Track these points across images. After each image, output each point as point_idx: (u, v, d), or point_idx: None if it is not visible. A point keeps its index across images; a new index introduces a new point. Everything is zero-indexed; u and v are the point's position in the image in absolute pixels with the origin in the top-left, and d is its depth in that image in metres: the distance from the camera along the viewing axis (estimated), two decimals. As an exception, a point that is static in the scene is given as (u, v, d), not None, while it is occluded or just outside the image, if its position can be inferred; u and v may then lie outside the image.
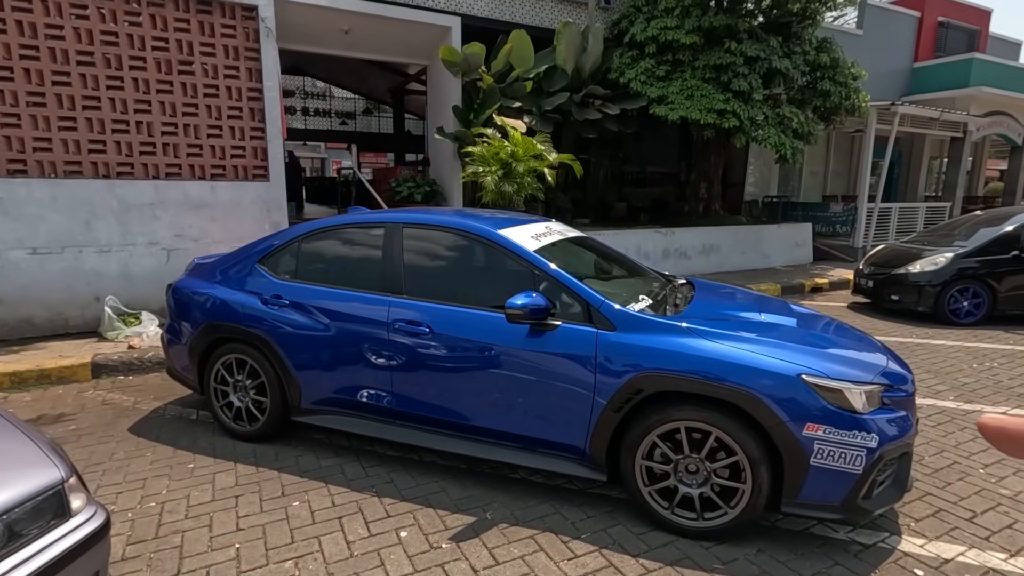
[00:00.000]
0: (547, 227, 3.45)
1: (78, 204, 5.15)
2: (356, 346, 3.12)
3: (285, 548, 2.48)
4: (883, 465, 2.48)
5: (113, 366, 4.66)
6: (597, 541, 2.60)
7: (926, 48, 14.02)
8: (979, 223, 7.41)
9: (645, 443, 2.61)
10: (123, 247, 5.37)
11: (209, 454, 3.34)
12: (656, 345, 2.60)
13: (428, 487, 3.01)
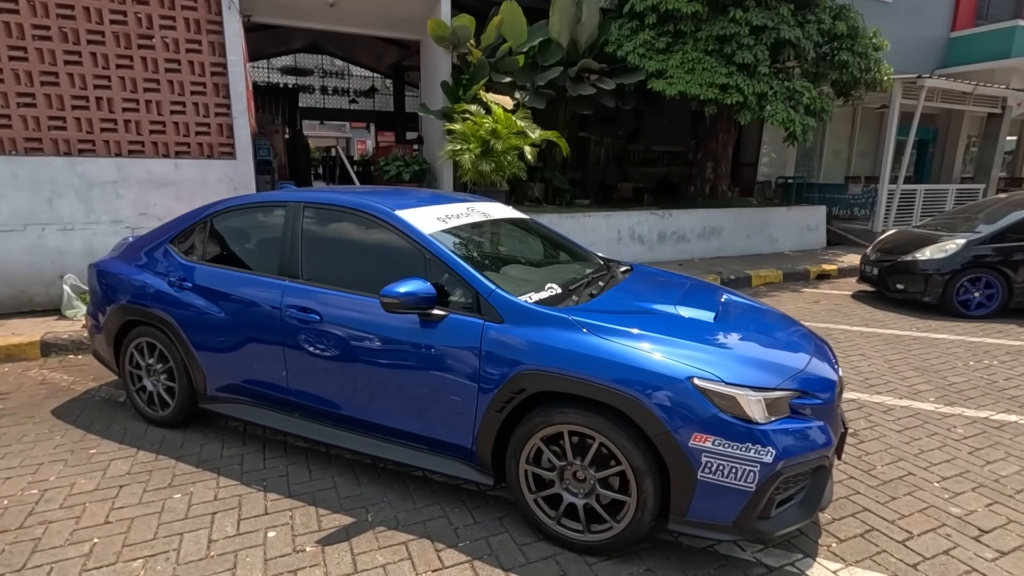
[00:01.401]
0: (468, 207, 3.24)
1: (40, 182, 5.13)
2: (252, 333, 3.00)
3: (142, 545, 2.37)
4: (784, 482, 2.21)
5: (63, 345, 4.66)
6: (474, 551, 2.42)
7: (966, 16, 13.08)
8: (1004, 207, 6.81)
9: (530, 446, 2.40)
10: (86, 225, 5.35)
11: (117, 439, 3.28)
12: (540, 340, 2.38)
13: (321, 483, 2.89)
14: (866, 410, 3.99)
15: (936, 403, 4.11)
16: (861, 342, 5.57)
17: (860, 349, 5.34)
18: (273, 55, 14.93)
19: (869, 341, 5.61)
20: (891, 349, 5.36)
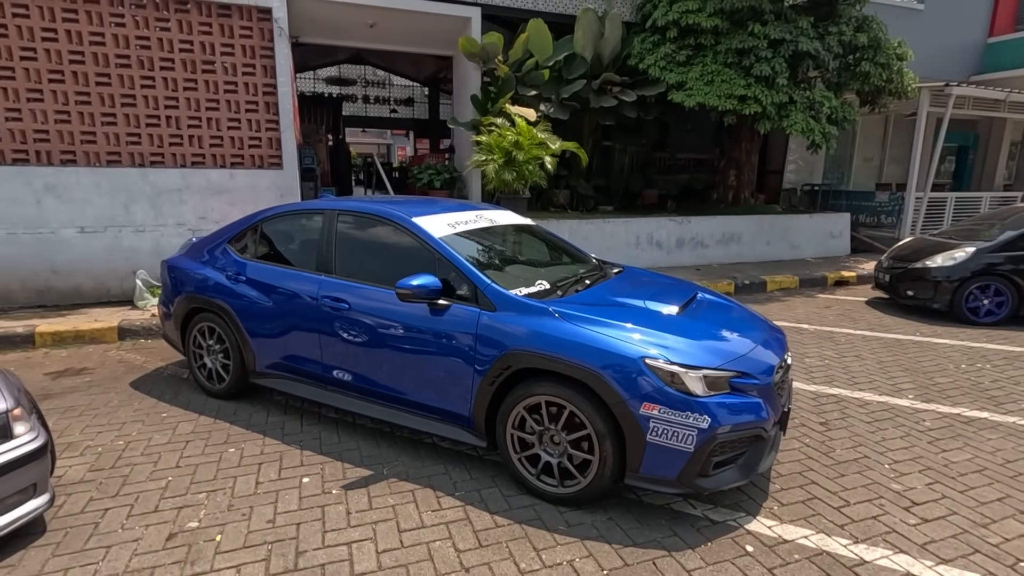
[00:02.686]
0: (477, 215, 3.75)
1: (117, 190, 5.91)
2: (294, 319, 3.57)
3: (205, 483, 3.01)
4: (720, 447, 2.62)
5: (135, 331, 5.40)
6: (467, 499, 2.92)
7: (1005, 21, 12.91)
8: (1021, 216, 6.87)
9: (515, 414, 2.89)
10: (155, 227, 6.11)
11: (182, 407, 3.94)
12: (524, 325, 2.86)
13: (347, 444, 3.46)
14: (843, 404, 4.30)
15: (913, 400, 4.37)
16: (860, 344, 5.80)
17: (857, 351, 5.59)
18: (319, 67, 15.87)
19: (868, 344, 5.83)
20: (887, 352, 5.58)
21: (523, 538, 2.67)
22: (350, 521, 2.74)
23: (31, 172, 5.60)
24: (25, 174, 5.59)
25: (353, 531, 2.68)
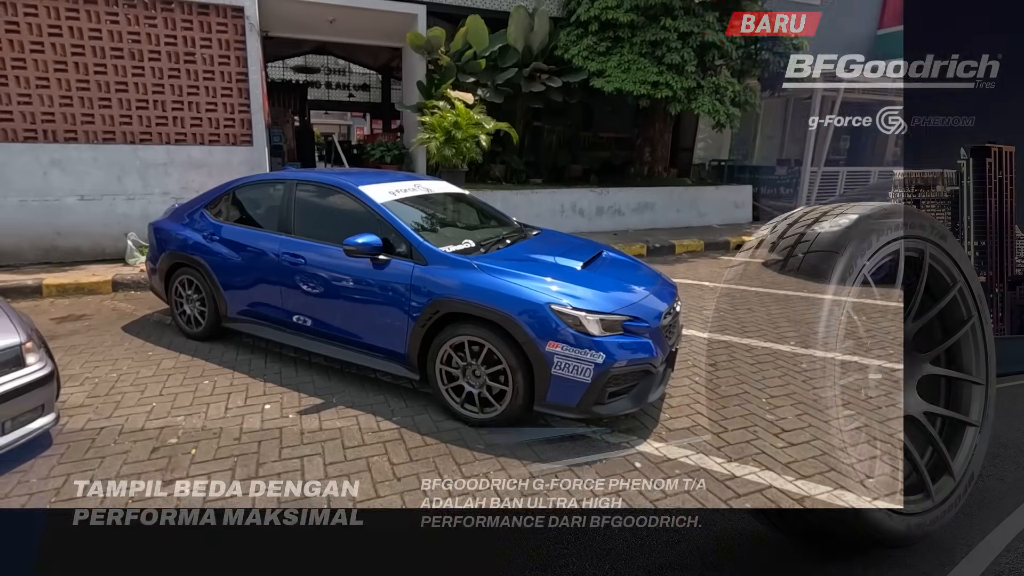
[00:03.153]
0: (415, 184, 4.38)
1: (112, 163, 6.96)
2: (260, 272, 4.15)
3: (184, 408, 3.62)
4: (613, 379, 3.10)
5: (127, 284, 6.35)
6: (402, 423, 3.45)
7: (893, 14, 14.62)
8: None
9: (443, 352, 3.39)
10: (144, 196, 7.17)
11: (166, 346, 4.62)
12: (451, 277, 3.40)
13: (304, 378, 4.06)
14: (732, 349, 4.75)
15: (794, 346, 4.70)
16: (754, 300, 6.54)
17: (750, 305, 6.28)
18: (287, 56, 17.19)
19: (761, 299, 6.59)
20: (777, 306, 6.22)
21: (447, 455, 3.12)
22: (303, 439, 3.26)
23: (39, 148, 6.61)
24: (34, 150, 6.59)
25: (305, 447, 3.18)
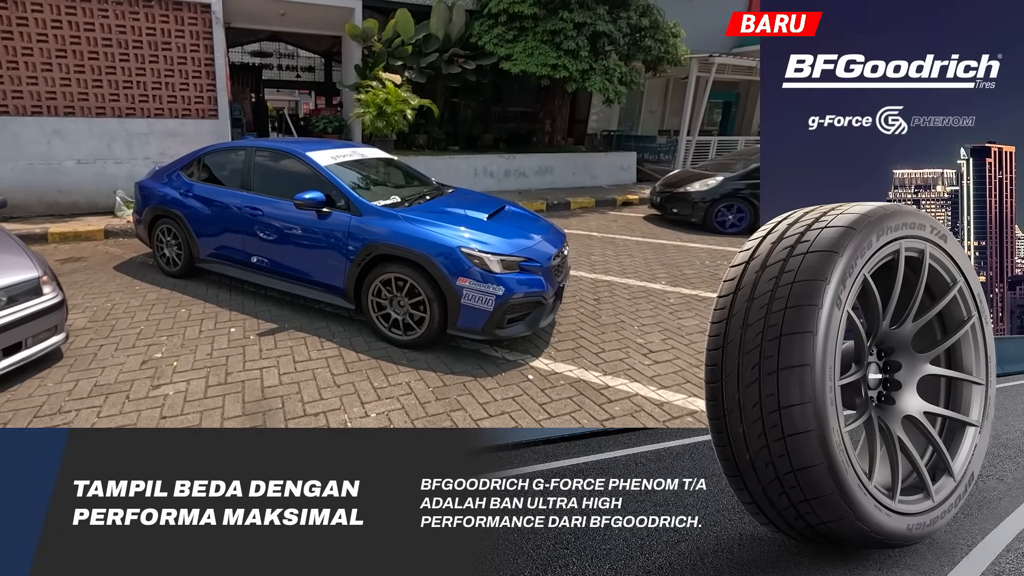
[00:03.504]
0: (353, 151, 5.12)
1: (103, 133, 8.50)
2: (225, 222, 4.86)
3: (166, 331, 4.31)
4: (511, 308, 3.71)
5: (116, 232, 7.51)
6: (341, 343, 4.09)
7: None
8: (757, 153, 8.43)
9: (374, 286, 4.04)
10: (129, 160, 8.71)
11: (150, 283, 5.39)
12: (381, 226, 4.05)
13: (262, 308, 4.78)
14: (613, 287, 5.60)
15: (665, 285, 5.67)
16: (634, 247, 7.48)
17: (630, 252, 7.20)
18: (245, 43, 19.01)
19: (640, 247, 7.50)
20: (653, 252, 7.19)
21: (377, 368, 3.71)
22: (262, 355, 3.89)
23: (43, 121, 8.10)
24: (39, 122, 8.07)
25: (263, 361, 3.80)
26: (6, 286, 3.36)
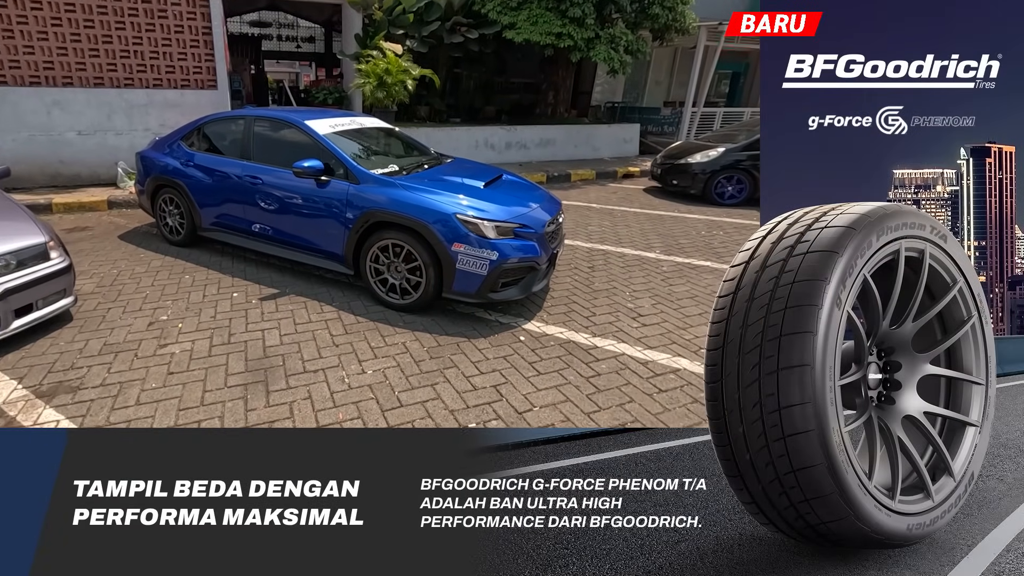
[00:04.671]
0: (352, 120, 5.20)
1: (103, 104, 8.48)
2: (226, 191, 4.94)
3: (171, 295, 4.43)
4: (504, 272, 3.81)
5: (119, 203, 7.58)
6: (341, 307, 4.23)
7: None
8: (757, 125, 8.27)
9: (372, 252, 4.14)
10: (129, 132, 8.71)
11: (153, 250, 5.52)
12: (379, 193, 4.12)
13: (264, 275, 4.87)
14: (608, 256, 5.73)
15: (659, 254, 5.80)
16: (631, 218, 7.58)
17: (627, 222, 7.31)
18: (244, 12, 18.97)
19: (637, 218, 7.58)
20: (650, 223, 7.28)
21: (375, 329, 3.89)
22: (264, 318, 4.03)
23: (43, 92, 8.08)
24: (39, 93, 8.06)
25: (265, 323, 3.96)
26: (14, 250, 3.51)
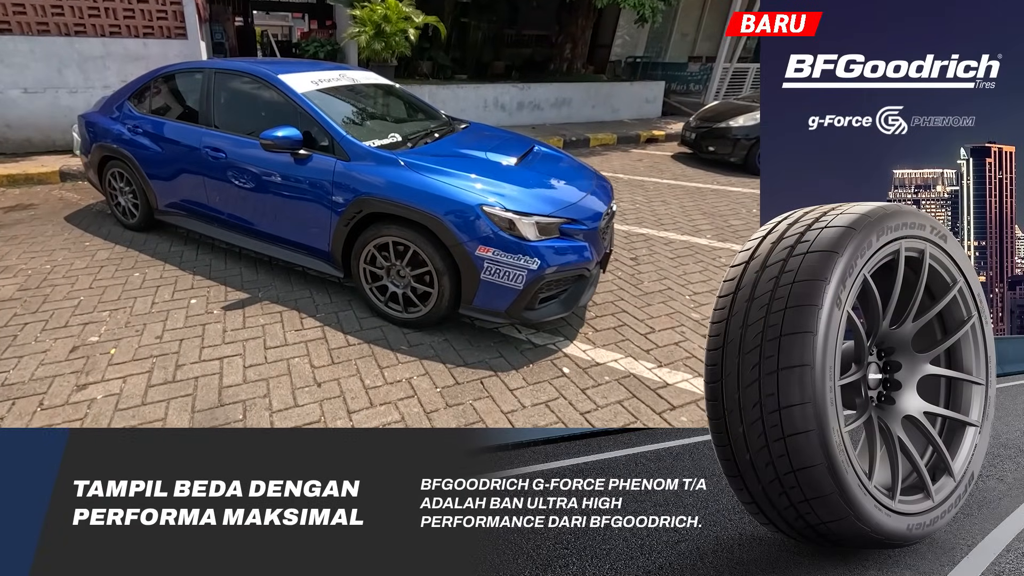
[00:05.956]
0: (341, 74, 4.18)
1: (50, 56, 7.24)
2: (183, 166, 4.08)
3: (111, 303, 3.54)
4: (547, 285, 2.96)
5: (74, 174, 6.48)
6: (326, 320, 3.37)
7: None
8: None
9: (366, 251, 3.25)
10: (86, 89, 7.50)
11: (103, 237, 4.63)
12: (375, 174, 3.20)
13: (232, 271, 4.03)
14: (651, 242, 4.94)
15: (711, 239, 5.06)
16: (666, 191, 6.75)
17: (663, 197, 6.50)
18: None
19: (673, 191, 6.75)
20: (689, 198, 6.47)
21: (370, 356, 3.05)
22: (225, 338, 3.16)
23: (-26, 40, 6.85)
24: (-32, 42, 6.83)
25: (226, 347, 3.08)
26: None
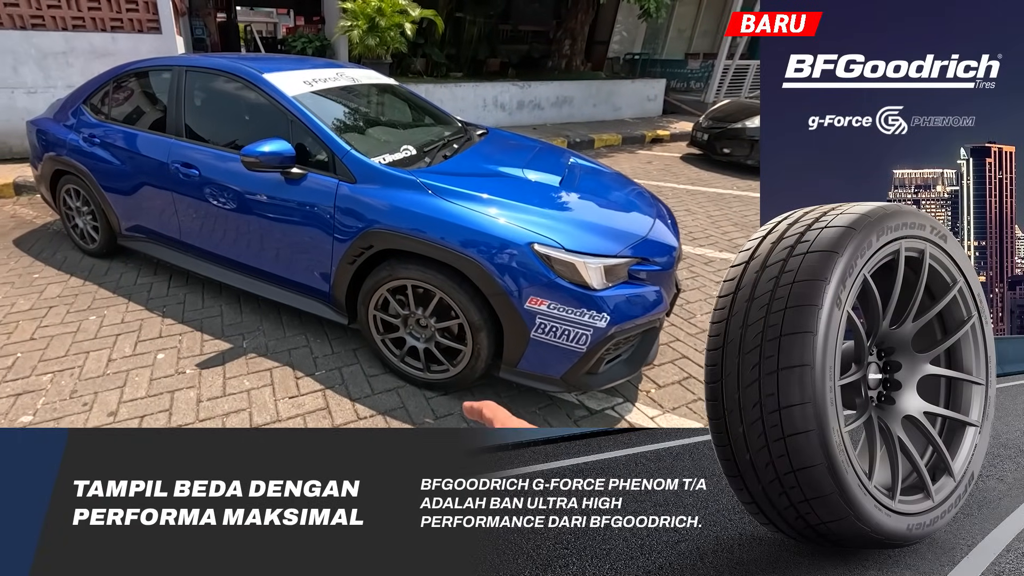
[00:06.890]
0: (338, 73, 3.46)
1: (4, 51, 6.44)
2: (148, 184, 3.38)
3: (55, 361, 2.82)
4: (615, 344, 2.37)
5: (31, 187, 5.46)
6: (327, 380, 2.75)
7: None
8: None
9: (378, 295, 2.60)
10: (46, 89, 6.73)
11: (57, 266, 3.90)
12: (388, 201, 2.52)
13: (210, 311, 3.35)
14: (689, 262, 4.39)
15: None
16: (687, 199, 6.29)
17: (686, 205, 6.00)
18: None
19: (695, 198, 6.30)
20: (713, 206, 6.03)
21: None
22: (199, 412, 2.51)
23: (-86, 33, 6.02)
24: (-92, 35, 6.00)
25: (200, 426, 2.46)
26: None
